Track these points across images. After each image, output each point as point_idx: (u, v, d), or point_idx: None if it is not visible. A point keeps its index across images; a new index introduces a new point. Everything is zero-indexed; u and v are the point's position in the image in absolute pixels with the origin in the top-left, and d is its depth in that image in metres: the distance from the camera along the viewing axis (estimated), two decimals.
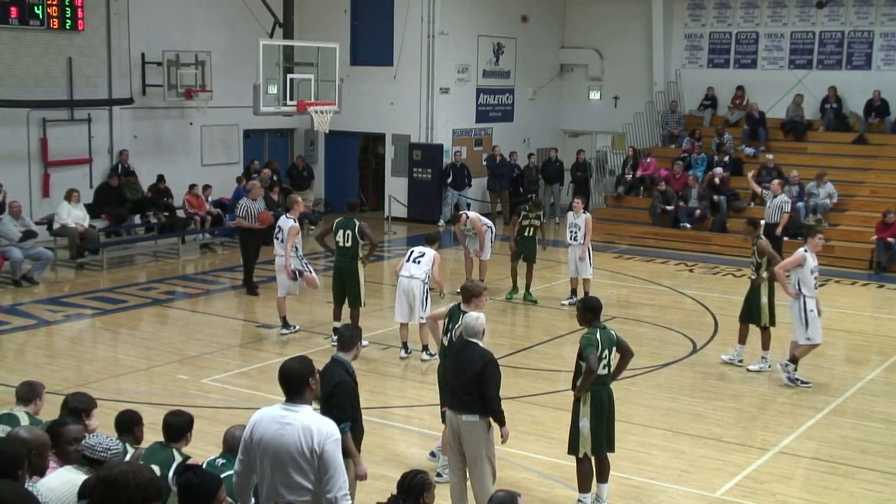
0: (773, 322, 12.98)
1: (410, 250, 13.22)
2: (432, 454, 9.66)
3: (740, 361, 13.06)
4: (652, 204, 22.77)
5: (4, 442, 5.20)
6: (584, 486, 8.59)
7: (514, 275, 16.78)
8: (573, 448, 8.54)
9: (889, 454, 10.19)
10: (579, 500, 8.64)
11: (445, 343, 9.30)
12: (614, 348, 8.52)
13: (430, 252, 12.99)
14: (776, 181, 19.19)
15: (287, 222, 13.96)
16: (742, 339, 13.13)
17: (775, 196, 18.46)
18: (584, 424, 8.43)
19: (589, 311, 8.64)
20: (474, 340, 7.98)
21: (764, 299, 12.81)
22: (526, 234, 16.48)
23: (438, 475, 9.02)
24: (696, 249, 21.33)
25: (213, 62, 21.80)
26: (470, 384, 7.87)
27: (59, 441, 5.87)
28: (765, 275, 12.83)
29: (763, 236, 13.15)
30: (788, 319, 12.66)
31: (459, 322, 8.81)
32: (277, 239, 14.07)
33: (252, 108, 18.65)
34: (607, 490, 8.70)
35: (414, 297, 12.82)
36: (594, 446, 8.45)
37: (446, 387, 8.09)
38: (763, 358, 12.95)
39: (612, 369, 8.56)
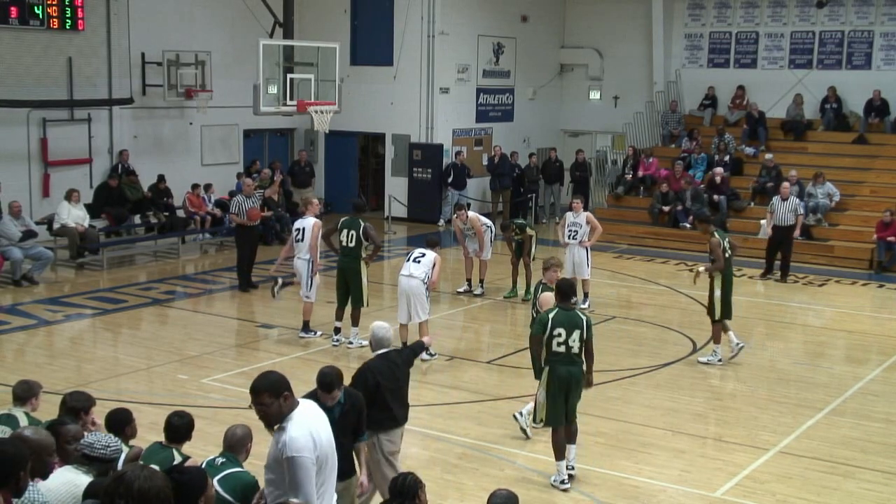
0: (726, 315, 13.16)
1: (411, 251, 13.23)
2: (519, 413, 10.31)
3: (719, 360, 13.22)
4: (651, 204, 22.77)
5: (6, 443, 5.19)
6: (557, 455, 9.15)
7: (515, 275, 16.79)
8: (536, 416, 9.29)
9: (889, 454, 10.19)
10: (557, 470, 9.15)
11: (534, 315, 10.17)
12: (578, 332, 8.94)
13: (431, 254, 13.00)
14: (786, 184, 19.09)
15: (308, 221, 13.82)
16: (716, 339, 13.31)
17: (784, 200, 18.43)
18: (541, 394, 9.11)
19: (557, 291, 9.28)
20: (388, 349, 8.03)
21: (717, 293, 13.00)
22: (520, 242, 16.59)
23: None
24: (696, 249, 21.28)
25: (213, 62, 21.81)
26: (405, 392, 8.14)
27: (59, 441, 5.86)
28: (701, 268, 13.24)
29: (716, 234, 13.23)
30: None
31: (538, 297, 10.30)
32: (298, 241, 13.89)
33: (252, 108, 18.64)
34: (574, 450, 9.27)
35: (413, 296, 12.83)
36: (549, 418, 9.07)
37: (386, 406, 7.79)
38: (714, 351, 13.21)
39: (571, 349, 8.94)
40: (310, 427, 5.45)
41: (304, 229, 13.80)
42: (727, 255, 13.04)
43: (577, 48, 27.47)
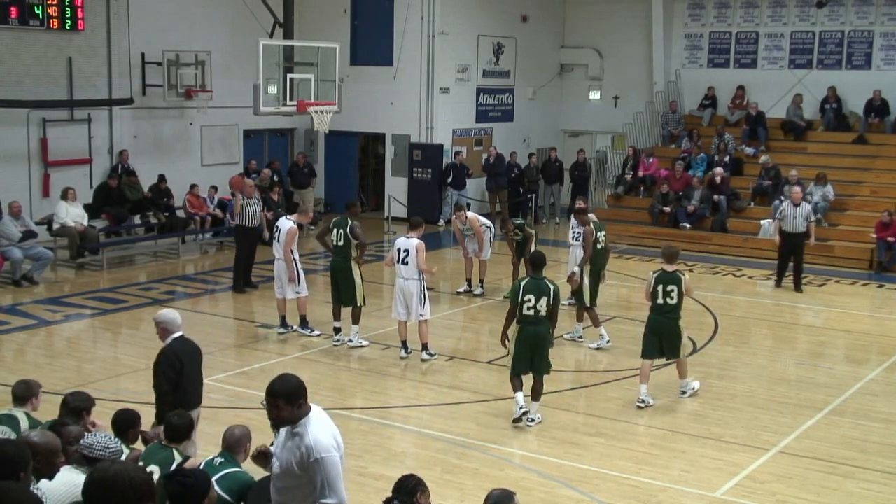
0: (593, 302, 13.92)
1: (396, 248, 13.08)
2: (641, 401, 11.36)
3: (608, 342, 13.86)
4: (651, 204, 22.76)
5: (7, 443, 5.19)
6: (514, 388, 10.69)
7: (516, 275, 16.73)
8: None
9: (889, 454, 10.19)
10: (515, 400, 10.65)
11: (660, 302, 11.37)
12: (546, 298, 10.37)
13: (412, 245, 12.87)
14: (796, 189, 18.26)
15: (286, 224, 13.93)
16: (594, 322, 14.00)
17: (796, 205, 17.63)
18: (511, 347, 10.66)
19: (529, 263, 10.95)
20: (182, 333, 8.38)
21: (587, 280, 13.66)
22: (516, 244, 16.55)
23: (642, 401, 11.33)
24: (696, 249, 21.30)
25: (213, 62, 21.80)
26: (201, 373, 8.58)
27: (61, 441, 5.86)
28: (576, 269, 13.94)
29: (591, 224, 14.05)
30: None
31: (682, 282, 11.27)
32: (276, 240, 14.04)
33: (252, 108, 18.64)
34: (536, 406, 10.63)
35: (412, 296, 12.82)
36: (514, 366, 10.63)
37: (185, 388, 8.23)
38: (578, 334, 13.98)
39: (538, 313, 10.37)
40: (329, 428, 5.47)
41: (280, 231, 13.87)
42: (599, 245, 13.96)
43: (577, 48, 27.47)
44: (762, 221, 21.25)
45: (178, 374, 8.10)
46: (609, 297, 17.17)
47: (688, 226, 22.02)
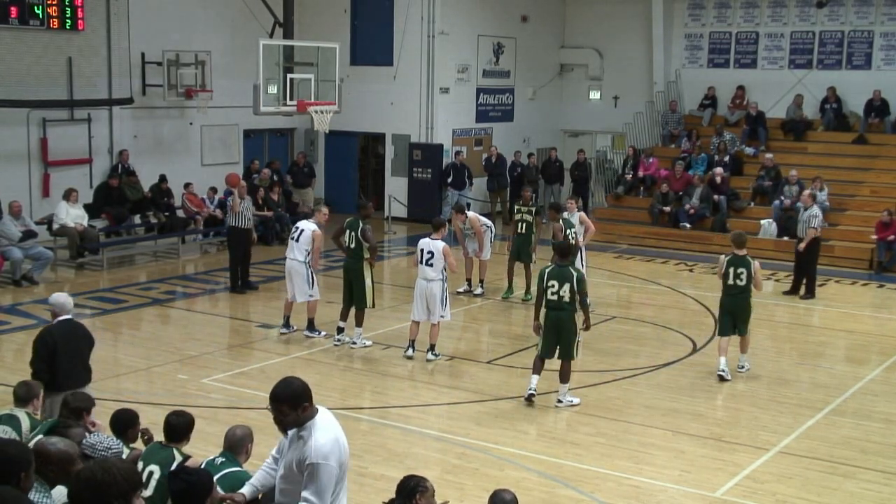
0: None
1: (420, 248, 13.09)
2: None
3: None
4: (651, 204, 22.76)
5: (9, 444, 5.17)
6: (534, 370, 11.31)
7: (511, 274, 16.77)
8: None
9: (889, 454, 10.20)
10: (531, 381, 11.24)
11: (731, 283, 12.32)
12: (569, 284, 10.93)
13: (438, 247, 12.87)
14: (807, 192, 17.91)
15: (310, 225, 13.83)
16: None
17: (806, 209, 17.24)
18: (541, 332, 11.24)
19: (555, 251, 11.56)
20: (70, 316, 8.65)
21: None
22: (520, 230, 16.46)
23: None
24: (695, 249, 21.32)
25: (213, 62, 21.80)
26: (86, 356, 8.79)
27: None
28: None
29: (561, 220, 14.66)
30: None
31: (752, 266, 12.23)
32: (293, 239, 13.93)
33: (252, 108, 18.65)
34: (565, 388, 11.25)
35: (434, 297, 12.84)
36: (542, 350, 11.24)
37: (63, 368, 8.49)
38: None
39: (562, 298, 10.95)
40: (335, 433, 5.44)
41: (302, 231, 13.81)
42: (571, 240, 13.95)
43: (577, 48, 27.47)
44: (762, 221, 21.25)
45: (52, 354, 8.43)
46: (609, 297, 17.21)
47: (688, 226, 22.01)
